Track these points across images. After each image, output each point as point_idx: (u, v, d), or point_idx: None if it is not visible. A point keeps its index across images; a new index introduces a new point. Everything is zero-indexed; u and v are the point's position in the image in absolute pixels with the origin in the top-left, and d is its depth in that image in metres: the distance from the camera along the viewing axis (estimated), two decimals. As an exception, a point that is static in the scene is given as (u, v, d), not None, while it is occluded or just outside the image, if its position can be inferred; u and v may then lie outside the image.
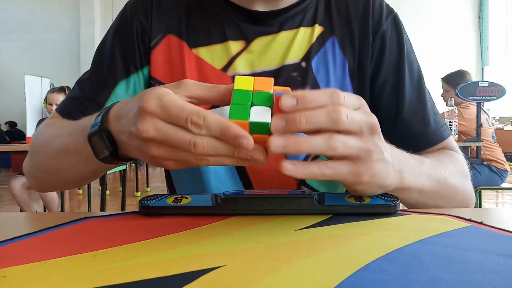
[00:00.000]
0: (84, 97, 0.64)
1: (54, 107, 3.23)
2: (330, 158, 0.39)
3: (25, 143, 3.14)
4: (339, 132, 0.36)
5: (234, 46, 0.63)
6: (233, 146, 0.35)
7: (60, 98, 3.24)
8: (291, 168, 0.36)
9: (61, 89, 3.34)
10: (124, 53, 0.64)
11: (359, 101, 0.39)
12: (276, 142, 0.34)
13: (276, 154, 0.36)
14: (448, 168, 0.55)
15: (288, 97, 0.35)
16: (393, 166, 0.42)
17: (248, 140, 0.34)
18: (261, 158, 0.36)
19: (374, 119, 0.39)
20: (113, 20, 0.68)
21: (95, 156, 0.44)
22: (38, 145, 0.59)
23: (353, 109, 0.37)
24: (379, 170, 0.39)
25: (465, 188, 0.57)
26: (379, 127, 0.39)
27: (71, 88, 0.68)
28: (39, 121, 3.43)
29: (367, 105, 0.40)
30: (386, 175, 0.41)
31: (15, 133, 8.08)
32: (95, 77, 0.65)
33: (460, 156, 0.62)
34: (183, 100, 0.36)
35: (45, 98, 3.35)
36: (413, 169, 0.47)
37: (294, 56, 0.63)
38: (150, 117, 0.36)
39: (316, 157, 0.61)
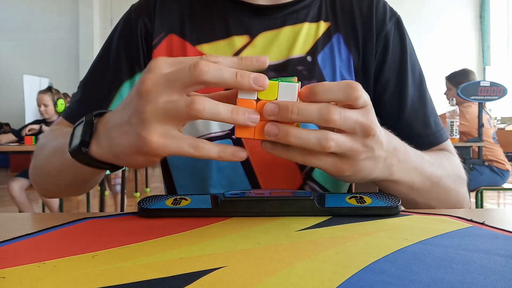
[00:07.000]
0: (89, 100, 0.65)
1: (43, 108, 3.21)
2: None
3: (23, 143, 3.12)
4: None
5: (239, 41, 0.64)
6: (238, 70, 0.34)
7: (46, 98, 3.22)
8: (270, 147, 0.37)
9: (47, 89, 3.32)
10: (129, 55, 0.65)
11: (368, 99, 0.38)
12: (270, 128, 0.35)
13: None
14: (445, 169, 0.55)
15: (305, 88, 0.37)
16: (384, 160, 0.42)
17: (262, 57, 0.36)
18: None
19: (369, 120, 0.37)
20: (112, 19, 0.69)
21: (68, 148, 0.43)
22: (36, 150, 0.60)
23: (361, 105, 0.37)
24: (364, 167, 0.40)
25: (458, 191, 0.57)
26: (376, 127, 0.38)
27: (60, 91, 0.69)
28: (33, 122, 3.42)
29: (371, 106, 0.39)
30: (372, 171, 0.41)
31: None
32: (99, 79, 0.66)
33: (458, 159, 0.62)
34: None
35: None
36: (408, 164, 0.47)
37: (299, 50, 0.63)
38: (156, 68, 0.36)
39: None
